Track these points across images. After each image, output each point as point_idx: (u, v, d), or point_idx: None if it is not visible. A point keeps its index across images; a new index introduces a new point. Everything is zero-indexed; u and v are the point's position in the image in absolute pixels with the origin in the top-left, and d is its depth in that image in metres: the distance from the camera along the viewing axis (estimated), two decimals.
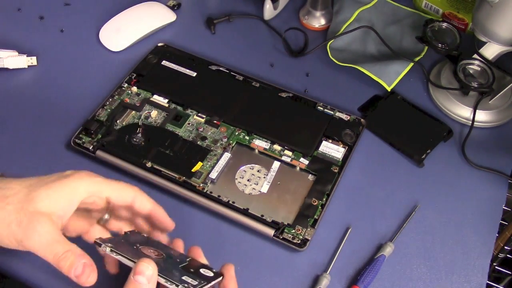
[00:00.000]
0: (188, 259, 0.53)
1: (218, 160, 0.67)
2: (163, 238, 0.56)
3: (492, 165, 0.70)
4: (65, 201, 0.49)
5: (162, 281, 0.46)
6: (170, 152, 0.68)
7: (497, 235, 0.65)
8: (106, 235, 0.55)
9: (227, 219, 0.63)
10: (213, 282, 0.50)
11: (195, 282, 0.47)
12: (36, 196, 0.48)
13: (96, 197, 0.51)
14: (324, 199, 0.65)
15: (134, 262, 0.46)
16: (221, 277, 0.51)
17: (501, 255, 0.78)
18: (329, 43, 0.81)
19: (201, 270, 0.51)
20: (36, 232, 0.46)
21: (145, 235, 0.55)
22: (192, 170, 0.66)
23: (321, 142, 0.70)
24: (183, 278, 0.47)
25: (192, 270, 0.50)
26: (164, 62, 0.78)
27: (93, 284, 0.47)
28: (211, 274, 0.51)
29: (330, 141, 0.70)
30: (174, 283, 0.46)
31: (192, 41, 0.84)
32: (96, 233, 0.55)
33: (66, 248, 0.46)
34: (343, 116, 0.73)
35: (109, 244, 0.48)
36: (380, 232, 0.64)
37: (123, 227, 0.56)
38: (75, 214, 0.50)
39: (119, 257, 0.47)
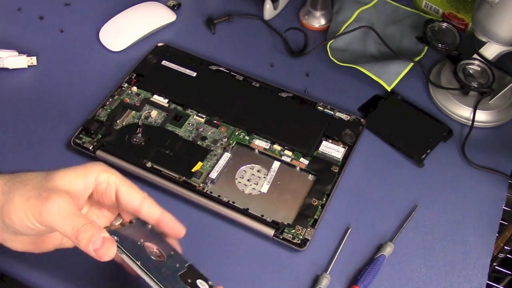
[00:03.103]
0: (187, 265, 0.52)
1: (218, 160, 0.67)
2: (172, 242, 0.54)
3: (492, 165, 0.70)
4: (82, 181, 0.49)
5: None
6: (170, 152, 0.68)
7: (497, 235, 0.65)
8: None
9: (227, 219, 0.63)
10: None
11: None
12: (54, 175, 0.48)
13: (109, 185, 0.51)
14: (324, 199, 0.65)
15: (137, 264, 0.46)
16: None
17: (501, 255, 0.78)
18: (329, 43, 0.81)
19: (198, 282, 0.51)
20: (55, 204, 0.45)
21: (149, 226, 0.54)
22: (192, 170, 0.66)
23: (321, 142, 0.70)
24: None
25: (189, 280, 0.50)
26: (164, 62, 0.78)
27: (111, 259, 0.46)
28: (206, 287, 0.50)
29: (330, 141, 0.70)
30: None
31: (192, 41, 0.84)
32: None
33: (85, 221, 0.46)
34: (343, 116, 0.73)
35: (116, 238, 0.47)
36: (380, 232, 0.64)
37: None
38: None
39: (123, 256, 0.47)
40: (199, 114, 0.72)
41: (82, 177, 0.49)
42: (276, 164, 0.68)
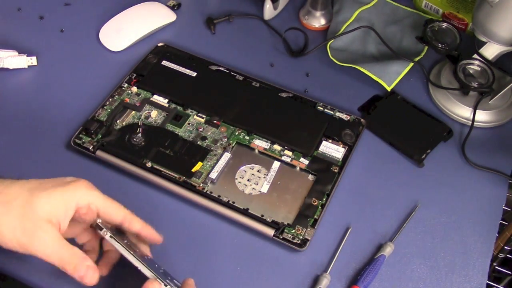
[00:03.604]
0: (161, 270, 0.54)
1: (218, 160, 0.67)
2: (145, 249, 0.58)
3: (492, 165, 0.70)
4: (64, 207, 0.51)
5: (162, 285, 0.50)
6: (170, 152, 0.68)
7: (497, 235, 0.65)
8: (97, 239, 0.57)
9: (227, 219, 0.63)
10: None
11: None
12: (36, 201, 0.50)
13: (90, 209, 0.53)
14: (324, 199, 0.65)
15: (132, 254, 0.50)
16: None
17: (501, 255, 0.78)
18: (329, 43, 0.81)
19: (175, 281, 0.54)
20: (41, 239, 0.49)
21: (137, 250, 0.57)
22: (192, 170, 0.66)
23: (321, 142, 0.70)
24: (168, 281, 0.51)
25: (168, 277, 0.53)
26: (164, 62, 0.78)
27: (95, 284, 0.51)
28: None
29: (330, 141, 0.70)
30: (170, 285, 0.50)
31: (192, 41, 0.84)
32: (88, 236, 0.57)
33: (70, 252, 0.50)
34: (343, 116, 0.73)
35: (109, 232, 0.52)
36: (380, 232, 0.64)
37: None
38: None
39: (117, 245, 0.51)
40: (199, 114, 0.72)
41: (62, 204, 0.51)
42: (276, 164, 0.68)
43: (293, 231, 0.62)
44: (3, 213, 0.49)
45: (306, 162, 0.68)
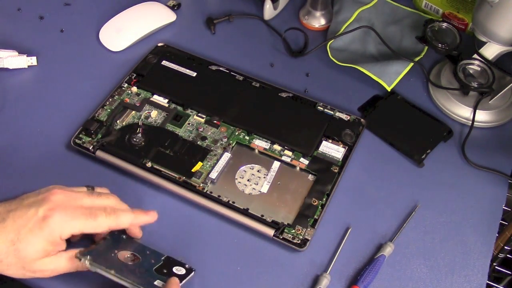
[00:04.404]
0: (163, 258, 0.57)
1: (218, 160, 0.67)
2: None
3: (492, 165, 0.70)
4: (51, 245, 0.53)
5: None
6: (170, 152, 0.68)
7: (497, 235, 0.65)
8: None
9: (227, 219, 0.63)
10: (184, 281, 0.55)
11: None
12: (26, 256, 0.52)
13: (73, 235, 0.55)
14: (324, 199, 0.65)
15: (110, 273, 0.52)
16: (192, 273, 0.57)
17: (501, 255, 0.78)
18: (329, 43, 0.81)
19: (174, 269, 0.56)
20: (50, 271, 0.54)
21: (124, 236, 0.60)
22: (192, 170, 0.66)
23: (321, 142, 0.70)
24: (155, 283, 0.53)
25: (165, 270, 0.55)
26: (164, 62, 0.78)
27: None
28: (183, 272, 0.56)
29: (330, 141, 0.70)
30: None
31: (192, 41, 0.84)
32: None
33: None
34: (343, 116, 0.73)
35: (88, 257, 0.53)
36: (380, 232, 0.64)
37: None
38: None
39: (97, 270, 0.53)
40: (199, 114, 0.72)
41: (48, 244, 0.53)
42: (276, 164, 0.68)
43: (293, 231, 0.62)
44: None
45: (306, 162, 0.68)
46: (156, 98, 0.74)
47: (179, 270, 0.56)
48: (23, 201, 0.54)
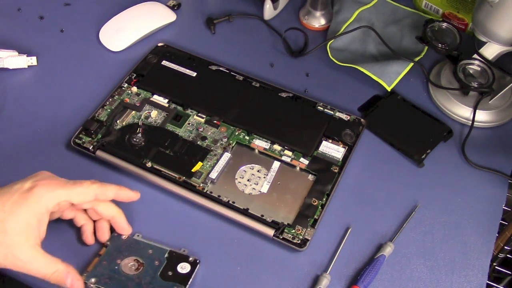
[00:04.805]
0: (166, 255, 0.58)
1: (218, 160, 0.67)
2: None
3: (492, 165, 0.70)
4: (36, 220, 0.52)
5: None
6: (170, 152, 0.68)
7: (497, 235, 0.65)
8: (79, 214, 0.60)
9: (227, 219, 0.63)
10: (191, 278, 0.56)
11: None
12: (8, 228, 0.51)
13: (60, 205, 0.55)
14: (324, 199, 0.65)
15: None
16: (198, 265, 0.58)
17: (501, 255, 0.78)
18: (329, 43, 0.81)
19: (178, 268, 0.57)
20: (23, 261, 0.52)
21: (123, 237, 0.60)
22: (192, 170, 0.66)
23: (321, 142, 0.70)
24: None
25: (170, 273, 0.56)
26: (164, 62, 0.78)
27: None
28: (188, 269, 0.57)
29: (330, 141, 0.70)
30: None
31: (192, 41, 0.84)
32: (72, 211, 0.59)
33: (53, 269, 0.53)
34: (343, 116, 0.73)
35: (93, 280, 0.55)
36: (380, 232, 0.64)
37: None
38: None
39: None
40: (199, 114, 0.72)
41: (33, 218, 0.52)
42: (276, 164, 0.68)
43: (293, 231, 0.62)
44: None
45: (306, 162, 0.68)
46: (156, 98, 0.74)
47: (184, 267, 0.57)
48: (11, 184, 0.55)
